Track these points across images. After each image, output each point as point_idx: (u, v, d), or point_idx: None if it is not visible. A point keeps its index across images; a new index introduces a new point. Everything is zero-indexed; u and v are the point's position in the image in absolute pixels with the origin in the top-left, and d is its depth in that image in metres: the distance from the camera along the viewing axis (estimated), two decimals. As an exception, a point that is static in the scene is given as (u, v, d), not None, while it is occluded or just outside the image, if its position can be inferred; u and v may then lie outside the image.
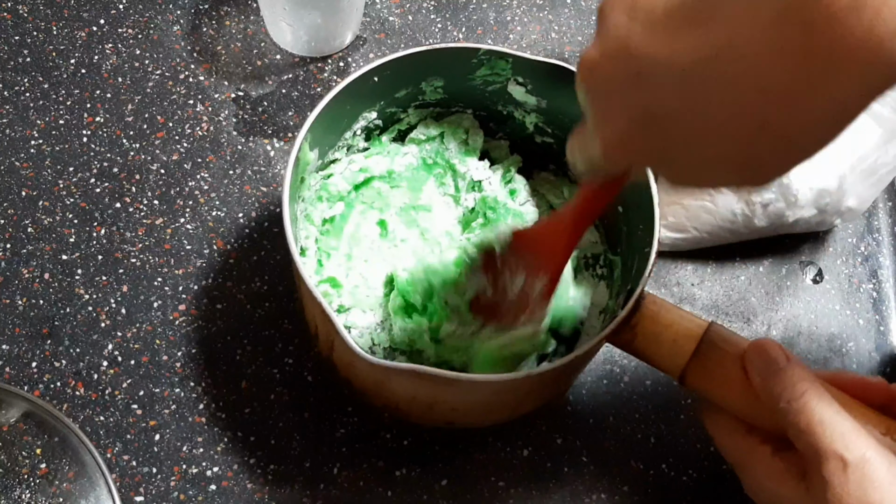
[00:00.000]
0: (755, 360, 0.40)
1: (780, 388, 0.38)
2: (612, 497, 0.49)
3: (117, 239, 0.54)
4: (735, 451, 0.41)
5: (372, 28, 0.64)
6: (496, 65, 0.49)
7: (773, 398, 0.38)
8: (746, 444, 0.40)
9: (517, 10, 0.67)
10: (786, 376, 0.38)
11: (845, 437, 0.36)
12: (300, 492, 0.47)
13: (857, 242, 0.60)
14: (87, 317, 0.51)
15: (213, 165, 0.57)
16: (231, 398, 0.50)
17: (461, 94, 0.52)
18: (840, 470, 0.35)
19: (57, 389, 0.49)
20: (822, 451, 0.36)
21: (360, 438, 0.49)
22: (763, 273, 0.57)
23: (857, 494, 0.35)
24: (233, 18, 0.63)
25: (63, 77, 0.59)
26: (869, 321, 0.57)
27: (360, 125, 0.51)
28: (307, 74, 0.61)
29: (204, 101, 0.60)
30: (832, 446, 0.36)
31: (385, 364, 0.38)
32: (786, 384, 0.38)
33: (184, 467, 0.47)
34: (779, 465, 0.39)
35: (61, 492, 0.44)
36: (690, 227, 0.55)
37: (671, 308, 0.43)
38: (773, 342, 0.40)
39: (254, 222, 0.55)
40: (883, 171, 0.53)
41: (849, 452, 0.36)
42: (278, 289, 0.53)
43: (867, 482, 0.35)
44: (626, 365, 0.53)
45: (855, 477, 0.35)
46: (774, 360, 0.39)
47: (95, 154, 0.57)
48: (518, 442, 0.50)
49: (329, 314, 0.39)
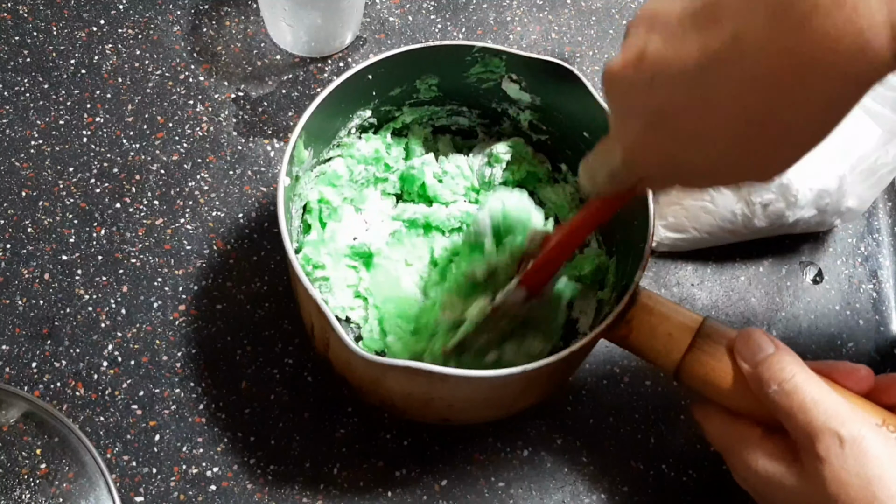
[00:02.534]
0: (742, 348, 0.40)
1: (768, 373, 0.38)
2: (612, 497, 0.49)
3: (117, 239, 0.54)
4: (723, 436, 0.41)
5: (372, 28, 0.64)
6: (490, 62, 0.49)
7: (762, 384, 0.38)
8: (735, 429, 0.40)
9: (517, 11, 0.67)
10: (774, 361, 0.38)
11: (840, 415, 0.36)
12: (300, 492, 0.47)
13: (857, 243, 0.60)
14: (87, 317, 0.51)
15: (213, 166, 0.57)
16: (231, 398, 0.50)
17: (456, 92, 0.52)
18: (837, 446, 0.35)
19: (57, 390, 0.49)
20: (818, 429, 0.36)
21: (359, 438, 0.49)
22: (763, 273, 0.57)
23: (856, 470, 0.35)
24: (233, 19, 0.63)
25: (63, 77, 0.59)
26: (869, 321, 0.57)
27: (355, 123, 0.51)
28: (307, 75, 0.61)
29: (204, 101, 0.60)
30: (827, 423, 0.36)
31: (380, 361, 0.38)
32: (774, 369, 0.38)
33: (184, 467, 0.47)
34: (769, 446, 0.39)
35: (61, 492, 0.44)
36: (690, 228, 0.55)
37: (666, 303, 0.43)
38: (759, 330, 0.40)
39: (254, 223, 0.55)
40: (883, 171, 0.53)
41: (844, 429, 0.35)
42: (278, 289, 0.53)
43: (865, 458, 0.35)
44: (625, 365, 0.53)
45: (852, 452, 0.35)
46: (761, 347, 0.39)
47: (95, 154, 0.57)
48: (518, 442, 0.50)
49: (324, 311, 0.38)
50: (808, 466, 0.36)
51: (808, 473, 0.36)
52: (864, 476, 0.35)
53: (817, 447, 0.36)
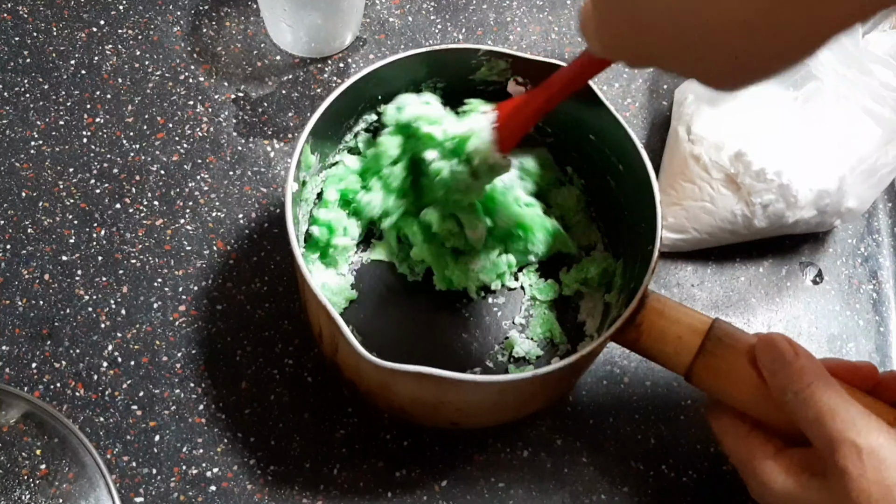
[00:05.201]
0: (763, 355, 0.40)
1: (787, 380, 0.38)
2: (612, 497, 0.49)
3: (117, 240, 0.54)
4: (741, 451, 0.41)
5: (372, 29, 0.64)
6: (496, 65, 0.49)
7: (781, 391, 0.38)
8: (750, 442, 0.40)
9: (517, 11, 0.67)
10: (793, 368, 0.38)
11: (857, 424, 0.36)
12: (300, 492, 0.47)
13: (857, 243, 0.60)
14: (87, 318, 0.51)
15: (213, 166, 0.57)
16: (231, 399, 0.50)
17: (461, 96, 0.52)
18: (855, 456, 0.35)
19: (57, 390, 0.49)
20: (835, 439, 0.36)
21: (359, 439, 0.49)
22: (763, 274, 0.57)
23: (876, 479, 0.35)
24: (233, 19, 0.63)
25: (63, 78, 0.59)
26: (869, 322, 0.57)
27: (361, 127, 0.51)
28: (307, 75, 0.61)
29: (204, 101, 0.60)
30: (845, 433, 0.36)
31: (390, 366, 0.38)
32: (793, 376, 0.38)
33: (184, 468, 0.47)
34: (785, 461, 0.39)
35: (61, 493, 0.44)
36: (690, 228, 0.55)
37: (675, 306, 0.43)
38: (781, 336, 0.40)
39: (254, 223, 0.55)
40: (883, 171, 0.53)
41: (862, 438, 0.35)
42: (278, 289, 0.53)
43: (884, 466, 0.35)
44: (626, 366, 0.53)
45: (871, 462, 0.35)
46: (782, 354, 0.39)
47: (95, 155, 0.57)
48: (518, 442, 0.50)
49: (333, 316, 0.39)
50: (830, 476, 0.36)
51: (828, 484, 0.36)
52: (885, 484, 0.35)
53: (836, 457, 0.36)
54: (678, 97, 0.59)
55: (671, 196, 0.55)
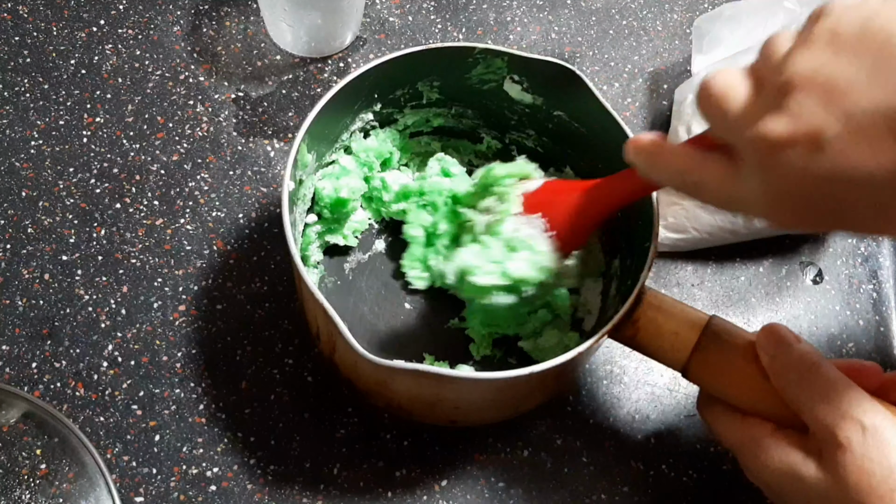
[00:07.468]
0: (764, 340, 0.40)
1: (790, 362, 0.38)
2: (612, 497, 0.49)
3: (117, 239, 0.54)
4: (735, 433, 0.41)
5: (372, 29, 0.64)
6: (492, 63, 0.49)
7: (782, 376, 0.38)
8: (746, 424, 0.40)
9: (517, 11, 0.67)
10: (794, 352, 0.38)
11: (862, 403, 0.36)
12: (300, 492, 0.47)
13: (857, 243, 0.60)
14: (87, 317, 0.51)
15: (213, 166, 0.57)
16: (231, 398, 0.50)
17: (458, 94, 0.52)
18: (859, 434, 0.35)
19: (57, 390, 0.49)
20: (839, 416, 0.36)
21: (360, 439, 0.49)
22: (763, 273, 0.57)
23: (879, 458, 0.35)
24: (233, 19, 0.63)
25: (63, 78, 0.59)
26: (869, 322, 0.57)
27: (357, 126, 0.51)
28: (307, 75, 0.61)
29: (204, 101, 0.60)
30: (850, 411, 0.36)
31: (388, 364, 0.38)
32: (795, 360, 0.38)
33: (184, 468, 0.47)
34: (782, 439, 0.38)
35: (61, 492, 0.44)
36: (690, 228, 0.55)
37: (672, 302, 0.43)
38: (781, 325, 0.40)
39: (254, 223, 0.55)
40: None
41: (867, 417, 0.35)
42: (278, 289, 0.53)
43: (886, 446, 0.35)
44: (625, 365, 0.53)
45: (874, 441, 0.35)
46: (784, 338, 0.39)
47: (95, 155, 0.57)
48: (518, 442, 0.50)
49: (331, 315, 0.39)
50: (828, 455, 0.36)
51: (827, 462, 0.36)
52: (887, 465, 0.34)
53: (838, 435, 0.35)
54: (678, 97, 0.59)
55: (671, 195, 0.55)
